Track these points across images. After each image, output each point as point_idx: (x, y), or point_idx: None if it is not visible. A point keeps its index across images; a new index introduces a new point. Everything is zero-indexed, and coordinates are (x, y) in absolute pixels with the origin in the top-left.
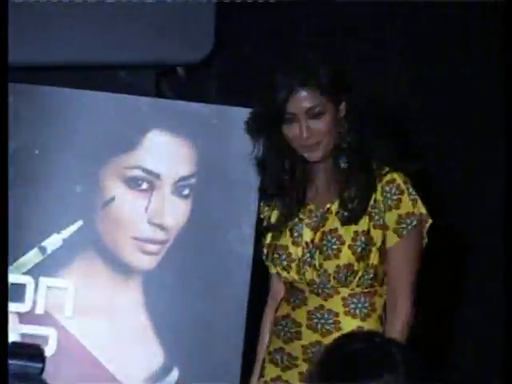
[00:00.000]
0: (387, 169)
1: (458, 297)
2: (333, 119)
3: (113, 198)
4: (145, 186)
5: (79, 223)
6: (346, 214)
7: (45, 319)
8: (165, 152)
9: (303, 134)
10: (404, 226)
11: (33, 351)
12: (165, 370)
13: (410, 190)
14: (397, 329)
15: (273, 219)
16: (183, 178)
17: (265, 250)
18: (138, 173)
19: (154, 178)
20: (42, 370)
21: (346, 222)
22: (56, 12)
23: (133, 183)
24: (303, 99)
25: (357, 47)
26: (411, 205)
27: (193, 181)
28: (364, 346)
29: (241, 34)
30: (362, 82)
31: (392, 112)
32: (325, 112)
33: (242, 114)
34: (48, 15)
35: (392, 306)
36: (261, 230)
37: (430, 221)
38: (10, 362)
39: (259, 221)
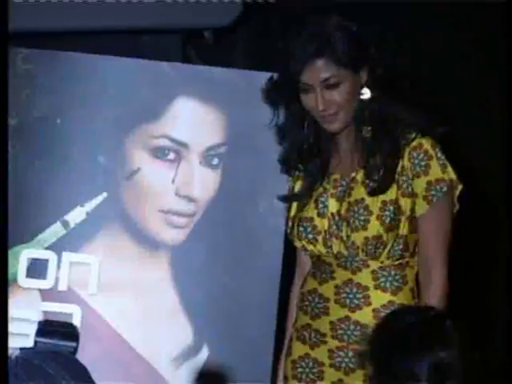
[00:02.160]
0: (413, 134)
1: (492, 265)
2: (351, 88)
3: (138, 169)
4: (171, 156)
5: (103, 196)
6: (372, 184)
7: (68, 296)
8: (192, 120)
9: (319, 106)
10: (433, 192)
11: (65, 329)
12: (194, 349)
13: (439, 154)
14: (432, 300)
15: (296, 189)
16: (212, 148)
17: (289, 223)
18: (164, 142)
19: (181, 147)
20: (76, 349)
21: (373, 192)
22: None
23: (159, 153)
24: (318, 70)
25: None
26: (440, 170)
27: (222, 150)
28: (416, 321)
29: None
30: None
31: (416, 75)
32: (342, 82)
33: None
34: None
35: (425, 278)
36: (284, 198)
37: (461, 186)
38: (42, 340)
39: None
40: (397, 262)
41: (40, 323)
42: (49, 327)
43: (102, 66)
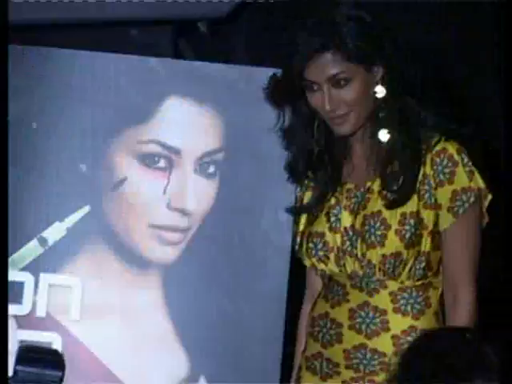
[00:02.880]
0: (437, 137)
1: None
2: (363, 87)
3: (125, 179)
4: (162, 163)
5: (85, 209)
6: (390, 195)
7: (47, 323)
8: (185, 123)
9: (326, 106)
10: (460, 203)
11: (50, 357)
12: (190, 381)
13: (466, 160)
14: (458, 323)
15: (305, 201)
16: (207, 154)
17: (297, 239)
18: (154, 148)
19: (172, 153)
20: (61, 379)
21: (391, 205)
22: None
23: (148, 160)
24: (324, 65)
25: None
26: (467, 178)
27: (219, 157)
28: (452, 344)
29: None
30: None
31: (438, 70)
32: (352, 79)
33: None
34: None
35: (451, 298)
36: (291, 210)
37: (490, 196)
38: (24, 369)
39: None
40: (419, 283)
41: (21, 349)
42: (31, 354)
43: (83, 62)
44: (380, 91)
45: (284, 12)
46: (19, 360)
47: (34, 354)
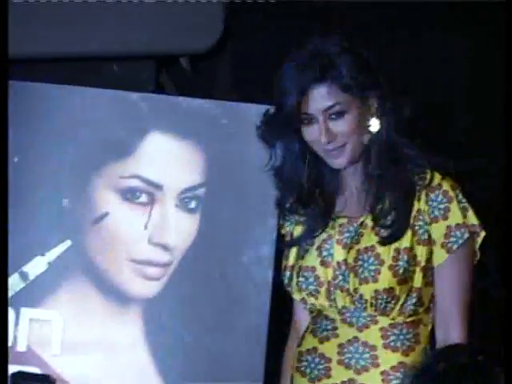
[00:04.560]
0: (430, 173)
1: None
2: (359, 118)
3: (106, 213)
4: (144, 198)
5: (67, 243)
6: (383, 231)
7: (28, 357)
8: (166, 158)
9: (322, 138)
10: (454, 239)
11: (44, 383)
12: None
13: (460, 197)
14: None
15: (296, 235)
16: (189, 189)
17: (287, 273)
18: (135, 183)
19: (154, 188)
20: None
21: (384, 241)
22: None
23: (130, 195)
24: (320, 97)
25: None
26: (461, 214)
27: (200, 192)
28: (464, 365)
29: (253, 18)
30: (393, 74)
31: (432, 105)
32: (347, 110)
33: (258, 111)
34: None
35: (443, 334)
36: (282, 248)
37: (484, 233)
38: None
39: (279, 238)
40: (409, 319)
41: (13, 376)
42: (22, 381)
43: (65, 97)
44: (374, 124)
45: (268, 46)
46: None
47: (27, 381)
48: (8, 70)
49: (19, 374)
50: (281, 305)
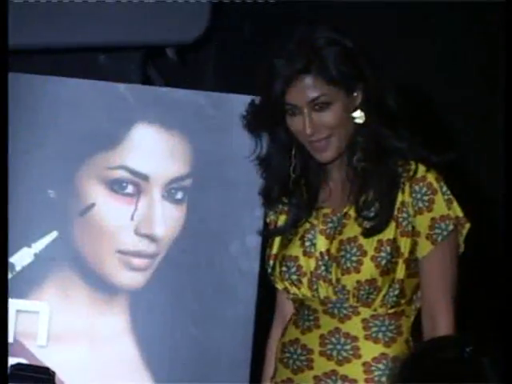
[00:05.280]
0: (415, 164)
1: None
2: (343, 110)
3: (93, 205)
4: (130, 189)
5: (53, 235)
6: (366, 223)
7: (14, 349)
8: (153, 149)
9: (307, 129)
10: (438, 231)
11: (42, 375)
12: None
13: (444, 189)
14: None
15: (280, 224)
16: (175, 180)
17: (270, 262)
18: (122, 174)
19: (140, 179)
20: None
21: (367, 233)
22: None
23: (116, 186)
24: (305, 88)
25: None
26: (446, 206)
27: (187, 183)
28: (451, 357)
29: (240, 8)
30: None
31: (416, 96)
32: (333, 102)
33: (244, 102)
34: None
35: (430, 326)
36: (266, 236)
37: (468, 225)
38: None
39: (265, 228)
40: (391, 311)
41: (13, 368)
42: (23, 372)
43: (51, 87)
44: (359, 116)
45: (255, 37)
46: (11, 378)
47: (25, 372)
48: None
49: (18, 366)
50: (268, 295)
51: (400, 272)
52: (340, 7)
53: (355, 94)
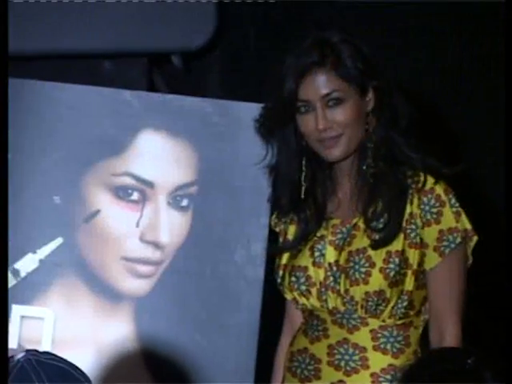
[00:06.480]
0: (423, 176)
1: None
2: (356, 110)
3: (98, 211)
4: (136, 196)
5: (58, 241)
6: (375, 234)
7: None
8: (158, 156)
9: (319, 125)
10: (446, 243)
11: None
12: None
13: (453, 201)
14: None
15: (290, 235)
16: (181, 187)
17: (280, 272)
18: (127, 181)
19: (146, 186)
20: None
21: (375, 244)
22: None
23: (121, 193)
24: (318, 83)
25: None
26: (454, 219)
27: (192, 190)
28: (452, 369)
29: (247, 15)
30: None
31: (429, 107)
32: (346, 99)
33: (250, 109)
34: None
35: (437, 337)
36: (274, 248)
37: (476, 238)
38: None
39: (272, 237)
40: (400, 322)
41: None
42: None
43: (57, 94)
44: (370, 122)
45: (261, 44)
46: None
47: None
48: (8, 68)
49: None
50: (273, 303)
51: (409, 283)
52: (349, 12)
53: (368, 99)
